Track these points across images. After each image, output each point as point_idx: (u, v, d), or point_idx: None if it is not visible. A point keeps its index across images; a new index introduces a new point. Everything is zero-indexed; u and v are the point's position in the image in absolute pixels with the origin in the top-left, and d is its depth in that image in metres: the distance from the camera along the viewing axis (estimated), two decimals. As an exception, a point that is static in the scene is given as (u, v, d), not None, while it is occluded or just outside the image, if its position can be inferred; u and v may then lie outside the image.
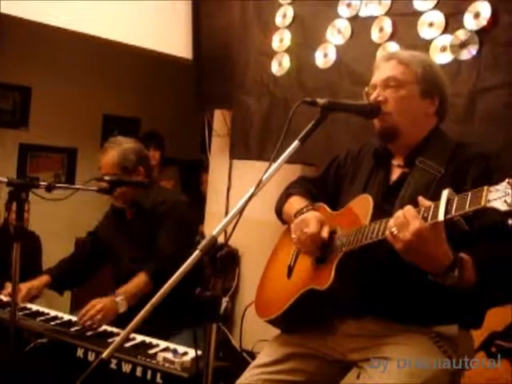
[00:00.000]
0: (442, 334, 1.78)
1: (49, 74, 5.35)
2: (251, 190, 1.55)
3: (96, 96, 5.70)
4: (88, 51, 5.12)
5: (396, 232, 1.55)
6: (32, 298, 2.83)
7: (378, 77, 1.93)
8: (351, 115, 1.99)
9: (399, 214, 1.56)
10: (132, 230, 2.90)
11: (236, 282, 4.09)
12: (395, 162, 1.97)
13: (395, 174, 1.95)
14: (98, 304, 2.50)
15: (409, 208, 1.55)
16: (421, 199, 1.56)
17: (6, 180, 2.14)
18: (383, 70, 1.93)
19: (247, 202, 1.55)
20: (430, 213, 1.51)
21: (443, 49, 2.80)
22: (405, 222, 1.53)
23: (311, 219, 1.88)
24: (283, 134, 1.64)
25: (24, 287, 2.78)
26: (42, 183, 2.20)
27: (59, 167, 5.65)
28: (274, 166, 1.61)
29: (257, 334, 3.22)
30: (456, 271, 1.55)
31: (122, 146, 2.84)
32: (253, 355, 3.45)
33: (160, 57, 4.15)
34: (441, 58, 2.78)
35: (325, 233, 1.86)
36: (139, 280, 2.65)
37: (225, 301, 4.02)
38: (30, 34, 4.47)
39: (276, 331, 2.10)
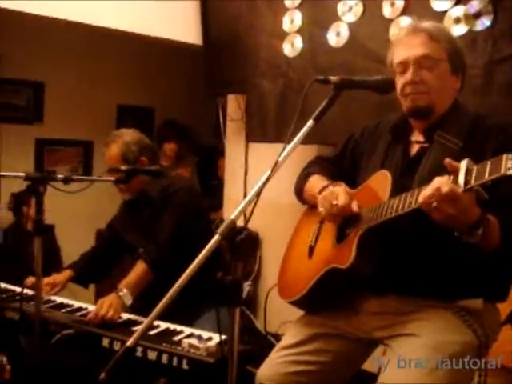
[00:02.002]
0: (466, 308, 1.77)
1: (61, 68, 5.37)
2: (268, 172, 1.54)
3: (109, 87, 5.71)
4: (98, 43, 5.13)
5: (434, 204, 1.53)
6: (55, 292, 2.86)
7: (409, 53, 1.86)
8: (367, 93, 1.95)
9: (435, 184, 1.53)
10: (142, 221, 2.90)
11: (258, 266, 4.09)
12: (414, 136, 1.96)
13: (414, 148, 1.94)
14: (104, 303, 2.48)
15: (442, 178, 1.54)
16: (448, 162, 1.54)
17: (23, 175, 2.15)
18: (414, 46, 1.86)
19: (264, 184, 1.54)
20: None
21: (457, 20, 2.76)
22: (442, 191, 1.51)
23: (340, 192, 1.87)
24: (297, 114, 1.63)
25: (47, 281, 2.80)
26: (58, 176, 2.20)
27: (76, 160, 5.68)
28: (290, 146, 1.60)
29: (281, 316, 3.23)
30: (481, 230, 1.55)
31: (122, 139, 2.84)
32: (278, 337, 3.45)
33: (171, 44, 4.13)
34: (455, 29, 2.73)
35: (355, 205, 1.85)
36: (138, 269, 2.63)
37: (247, 285, 4.03)
38: (40, 29, 4.47)
39: (300, 312, 2.10)
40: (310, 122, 1.64)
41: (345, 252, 1.79)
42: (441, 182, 1.52)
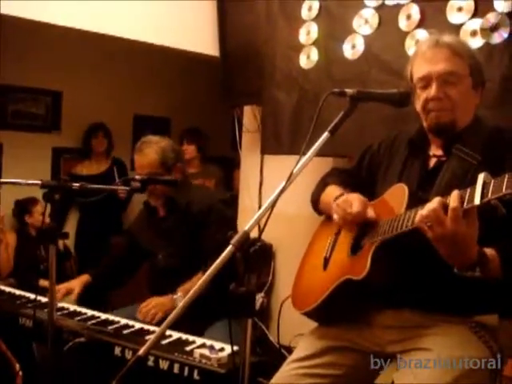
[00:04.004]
0: (482, 323, 1.76)
1: (78, 78, 5.44)
2: (282, 184, 1.54)
3: (126, 97, 5.77)
4: (116, 53, 5.18)
5: (429, 223, 1.53)
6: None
7: (432, 68, 1.84)
8: (383, 105, 1.94)
9: (431, 204, 1.54)
10: (166, 228, 2.91)
11: (271, 277, 4.08)
12: (432, 150, 1.95)
13: (431, 162, 1.93)
14: (153, 301, 2.64)
15: (440, 198, 1.54)
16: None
17: (39, 182, 2.17)
18: (437, 61, 1.83)
19: (279, 195, 1.54)
20: (466, 197, 1.49)
21: (473, 33, 2.75)
22: (436, 212, 1.51)
23: (355, 199, 1.88)
24: (312, 126, 1.62)
25: (63, 287, 2.82)
26: (74, 184, 2.22)
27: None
28: (305, 158, 1.59)
29: (294, 328, 3.20)
30: (477, 270, 1.56)
31: (158, 144, 2.84)
32: (290, 350, 3.42)
33: (188, 55, 4.16)
34: (472, 42, 2.71)
35: (371, 212, 1.86)
36: (197, 279, 2.65)
37: (260, 296, 4.02)
38: (58, 39, 4.52)
39: (313, 325, 2.09)
40: (326, 135, 1.63)
41: (360, 263, 1.78)
42: (439, 203, 1.52)
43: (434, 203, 1.53)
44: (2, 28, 4.26)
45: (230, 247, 1.45)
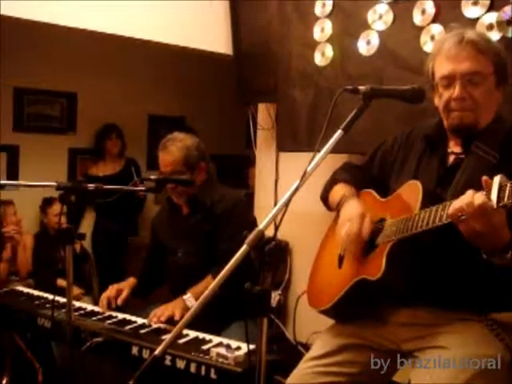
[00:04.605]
0: (498, 321, 1.74)
1: (93, 79, 5.48)
2: (297, 182, 1.53)
3: (140, 97, 5.79)
4: (130, 54, 5.20)
5: (463, 217, 1.51)
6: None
7: (455, 67, 1.79)
8: (398, 102, 1.92)
9: (466, 198, 1.51)
10: (188, 226, 2.89)
11: (288, 275, 4.07)
12: (451, 147, 1.92)
13: (450, 158, 1.91)
14: (159, 310, 2.59)
15: (474, 192, 1.51)
16: (484, 180, 1.50)
17: (55, 184, 2.18)
18: (461, 60, 1.79)
19: (293, 194, 1.53)
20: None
21: (490, 27, 2.71)
22: (472, 207, 1.49)
23: (352, 217, 1.86)
24: (325, 124, 1.61)
25: (114, 287, 2.83)
26: (89, 186, 2.23)
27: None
28: (319, 156, 1.58)
29: (311, 325, 3.20)
30: (510, 253, 1.52)
31: (183, 142, 2.83)
32: (307, 347, 3.43)
33: (201, 54, 4.16)
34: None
35: (366, 230, 1.83)
36: (207, 282, 2.65)
37: (277, 294, 4.01)
38: (73, 40, 4.55)
39: (330, 322, 2.09)
40: (339, 133, 1.62)
41: (375, 263, 1.77)
42: (473, 196, 1.49)
43: (467, 198, 1.51)
44: (17, 31, 4.31)
45: (244, 246, 1.44)
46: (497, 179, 1.45)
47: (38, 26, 3.48)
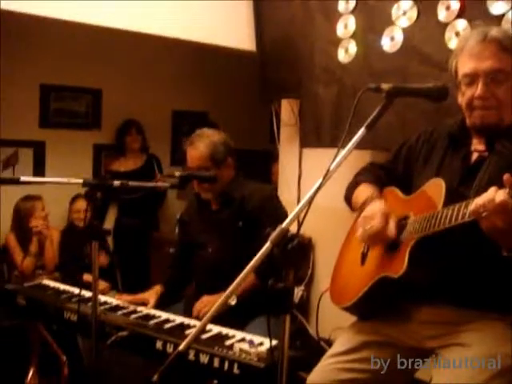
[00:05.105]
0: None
1: (117, 75, 5.53)
2: (319, 181, 1.54)
3: (164, 93, 5.83)
4: (153, 50, 5.22)
5: (484, 213, 1.51)
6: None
7: (478, 64, 1.79)
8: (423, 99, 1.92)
9: (489, 195, 1.51)
10: (218, 221, 2.91)
11: (311, 271, 4.08)
12: (474, 144, 1.91)
13: (473, 156, 1.90)
14: (205, 299, 2.69)
15: (497, 189, 1.51)
16: (507, 177, 1.50)
17: (81, 181, 2.21)
18: (484, 58, 1.78)
19: (316, 192, 1.54)
20: None
21: (516, 23, 2.69)
22: (493, 204, 1.49)
23: (374, 215, 1.86)
24: (349, 121, 1.61)
25: (139, 298, 2.85)
26: (115, 182, 2.25)
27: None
28: (342, 154, 1.59)
29: (333, 321, 3.20)
30: None
31: (210, 138, 2.85)
32: (330, 343, 3.43)
33: (225, 50, 4.18)
34: (513, 33, 2.67)
35: (392, 230, 1.83)
36: (249, 277, 2.63)
37: (300, 289, 4.02)
38: (98, 38, 4.58)
39: (352, 318, 2.10)
40: (362, 131, 1.62)
41: (397, 261, 1.78)
42: (495, 193, 1.49)
43: (490, 195, 1.51)
44: (44, 29, 4.37)
45: (268, 244, 1.46)
46: None
47: (63, 24, 3.52)
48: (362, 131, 1.63)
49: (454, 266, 1.74)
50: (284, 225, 1.50)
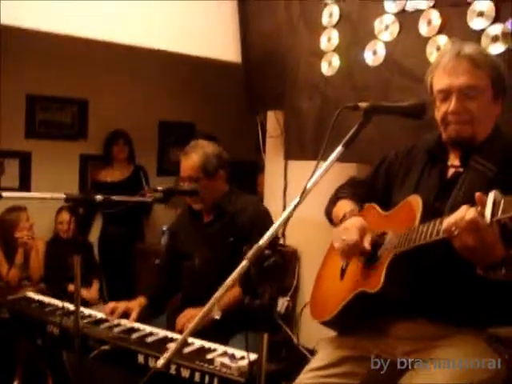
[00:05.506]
0: (497, 336, 1.76)
1: (104, 86, 5.54)
2: (296, 199, 1.57)
3: (151, 104, 5.84)
4: (140, 62, 5.24)
5: (456, 232, 1.54)
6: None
7: (452, 81, 1.82)
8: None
9: (459, 213, 1.54)
10: (209, 233, 2.91)
11: (296, 281, 4.10)
12: (450, 160, 1.94)
13: (450, 172, 1.93)
14: (189, 313, 2.69)
15: (468, 207, 1.54)
16: (478, 195, 1.53)
17: (63, 196, 2.22)
18: (457, 74, 1.82)
19: (293, 210, 1.57)
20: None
21: (495, 39, 2.72)
22: (464, 222, 1.52)
23: (351, 228, 1.88)
24: (325, 141, 1.64)
25: (121, 307, 2.81)
26: (97, 197, 2.27)
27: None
28: (318, 172, 1.61)
29: (318, 332, 3.23)
30: (503, 270, 1.54)
31: (204, 150, 2.87)
32: (314, 353, 3.45)
33: (211, 62, 4.20)
34: (493, 48, 2.70)
35: (367, 242, 1.86)
36: (234, 291, 2.64)
37: (286, 300, 4.04)
38: (84, 49, 4.60)
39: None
40: (340, 149, 1.64)
41: (374, 276, 1.80)
42: (466, 211, 1.52)
43: (460, 213, 1.54)
44: (28, 39, 4.37)
45: (244, 261, 1.48)
46: (491, 194, 1.48)
47: (48, 36, 3.53)
48: (339, 149, 1.65)
49: (430, 281, 1.77)
50: (261, 242, 1.52)
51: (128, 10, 3.69)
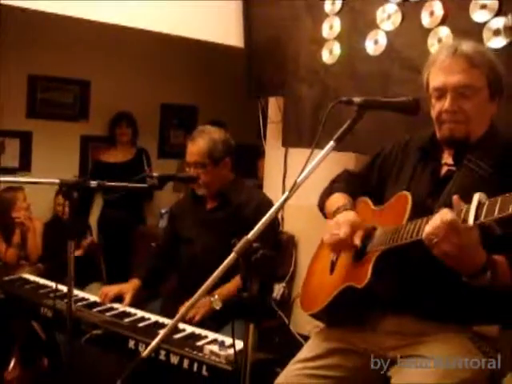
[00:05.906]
0: (481, 334, 1.77)
1: (106, 67, 5.52)
2: (286, 194, 1.57)
3: (154, 86, 5.83)
4: (144, 43, 5.20)
5: (435, 240, 1.54)
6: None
7: (447, 79, 1.81)
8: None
9: (436, 221, 1.54)
10: (211, 220, 2.92)
11: (293, 268, 4.11)
12: (444, 158, 1.94)
13: (443, 170, 1.92)
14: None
15: (446, 212, 1.54)
16: (455, 198, 1.54)
17: (57, 181, 2.23)
18: (453, 72, 1.80)
19: (282, 204, 1.58)
20: (462, 215, 1.49)
21: (497, 32, 2.71)
22: (442, 229, 1.52)
23: (343, 223, 1.88)
24: (319, 132, 1.63)
25: (114, 290, 2.83)
26: (92, 182, 2.27)
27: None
28: (309, 167, 1.60)
29: (313, 319, 3.25)
30: (488, 273, 1.55)
31: (210, 135, 2.87)
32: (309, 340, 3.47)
33: (214, 46, 4.18)
34: (494, 42, 2.69)
35: (358, 239, 1.86)
36: (236, 282, 2.66)
37: (282, 286, 4.06)
38: (87, 29, 4.57)
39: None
40: (331, 144, 1.64)
41: (362, 271, 1.81)
42: (445, 214, 1.52)
43: (437, 221, 1.54)
44: (32, 20, 4.35)
45: (233, 254, 1.49)
46: (476, 197, 1.48)
47: (53, 16, 3.52)
48: (331, 144, 1.65)
49: (415, 278, 1.78)
50: (250, 235, 1.53)
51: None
